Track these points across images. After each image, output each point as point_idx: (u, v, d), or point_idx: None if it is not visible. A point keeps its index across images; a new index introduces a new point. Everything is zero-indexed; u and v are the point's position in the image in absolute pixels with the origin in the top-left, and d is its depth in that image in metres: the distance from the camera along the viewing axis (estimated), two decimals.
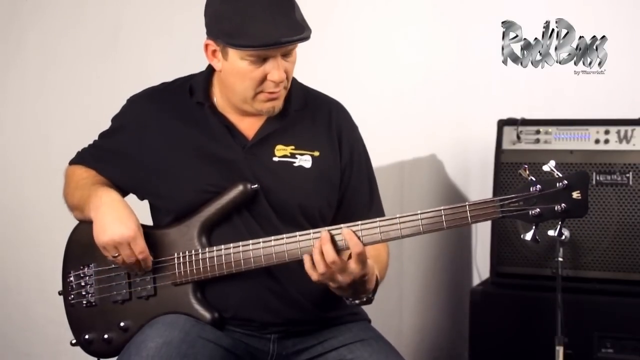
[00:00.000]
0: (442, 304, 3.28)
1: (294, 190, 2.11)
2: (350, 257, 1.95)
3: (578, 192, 1.87)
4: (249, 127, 2.15)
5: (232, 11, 2.00)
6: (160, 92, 2.24)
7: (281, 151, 2.13)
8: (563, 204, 1.87)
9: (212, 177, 2.10)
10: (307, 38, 2.01)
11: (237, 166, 2.10)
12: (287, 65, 2.06)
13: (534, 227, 1.90)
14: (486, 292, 2.84)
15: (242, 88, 2.07)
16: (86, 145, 2.32)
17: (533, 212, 1.88)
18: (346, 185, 2.19)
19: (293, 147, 2.14)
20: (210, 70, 2.18)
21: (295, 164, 2.13)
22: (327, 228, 1.97)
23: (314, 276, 1.96)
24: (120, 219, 2.07)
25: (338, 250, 1.95)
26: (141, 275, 2.12)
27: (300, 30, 2.00)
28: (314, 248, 1.95)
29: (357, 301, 2.04)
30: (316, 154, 2.15)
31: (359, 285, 1.99)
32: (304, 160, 2.14)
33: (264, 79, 2.04)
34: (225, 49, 2.04)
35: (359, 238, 1.94)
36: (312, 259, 1.96)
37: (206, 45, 2.08)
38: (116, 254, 2.07)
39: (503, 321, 2.79)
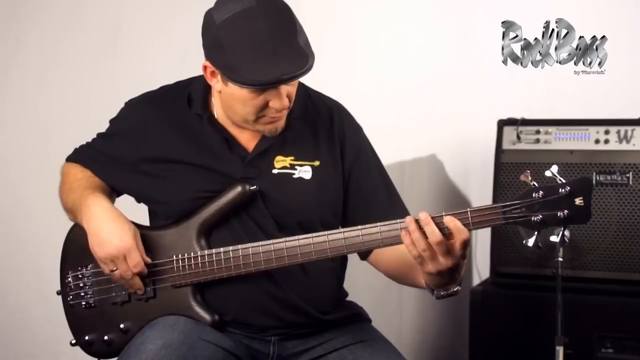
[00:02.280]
0: (442, 304, 3.27)
1: (293, 204, 2.09)
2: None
3: (581, 198, 1.86)
4: (249, 139, 2.12)
5: (231, 41, 1.92)
6: (160, 98, 2.21)
7: (280, 162, 2.11)
8: (566, 211, 1.86)
9: (211, 187, 2.09)
10: (309, 69, 1.93)
11: (236, 179, 2.08)
12: (289, 89, 2.01)
13: (536, 233, 1.89)
14: (486, 292, 2.84)
15: (244, 112, 2.03)
16: (84, 143, 2.31)
17: (535, 218, 1.87)
18: (357, 187, 2.16)
19: (293, 157, 2.11)
20: None
21: (294, 176, 2.10)
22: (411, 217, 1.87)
23: (413, 252, 1.87)
24: (115, 231, 2.06)
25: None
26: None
27: (302, 63, 1.91)
28: (410, 229, 1.85)
29: (444, 292, 1.95)
30: (316, 163, 2.12)
31: (456, 272, 1.91)
32: (304, 172, 2.11)
33: (265, 106, 2.00)
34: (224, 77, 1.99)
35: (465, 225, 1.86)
36: (410, 237, 1.86)
37: (205, 67, 2.02)
38: (114, 268, 2.06)
39: (503, 321, 2.79)
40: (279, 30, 1.92)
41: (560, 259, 2.57)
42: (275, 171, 2.10)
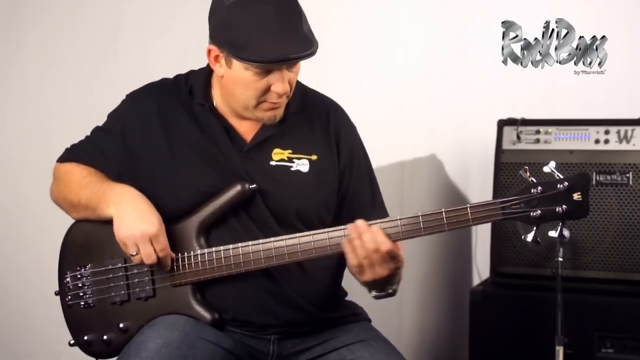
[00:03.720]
0: (442, 304, 3.28)
1: (291, 195, 2.10)
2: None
3: (579, 193, 1.88)
4: (247, 130, 2.14)
5: (240, 22, 1.97)
6: (161, 88, 2.22)
7: (278, 155, 2.13)
8: (564, 206, 1.88)
9: (210, 178, 2.10)
10: (314, 53, 1.99)
11: (234, 169, 2.09)
12: (291, 75, 2.05)
13: (534, 228, 1.91)
14: (486, 292, 2.84)
15: (245, 97, 2.06)
16: (76, 142, 2.30)
17: (534, 214, 1.89)
18: (346, 188, 2.18)
19: (290, 151, 2.13)
20: (209, 70, 2.16)
21: (292, 168, 2.12)
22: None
23: (353, 261, 1.95)
24: (143, 214, 2.06)
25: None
26: (140, 276, 2.12)
27: (308, 46, 1.98)
28: (351, 236, 1.94)
29: (382, 293, 2.03)
30: (314, 157, 2.14)
31: (391, 277, 1.99)
32: (301, 165, 2.13)
33: (267, 90, 2.03)
34: (230, 57, 2.02)
35: (387, 236, 1.94)
36: (350, 245, 1.95)
37: (209, 51, 2.06)
38: (135, 252, 2.06)
39: (503, 321, 2.79)
40: (286, 15, 1.98)
41: (560, 259, 2.57)
42: (272, 163, 2.12)
